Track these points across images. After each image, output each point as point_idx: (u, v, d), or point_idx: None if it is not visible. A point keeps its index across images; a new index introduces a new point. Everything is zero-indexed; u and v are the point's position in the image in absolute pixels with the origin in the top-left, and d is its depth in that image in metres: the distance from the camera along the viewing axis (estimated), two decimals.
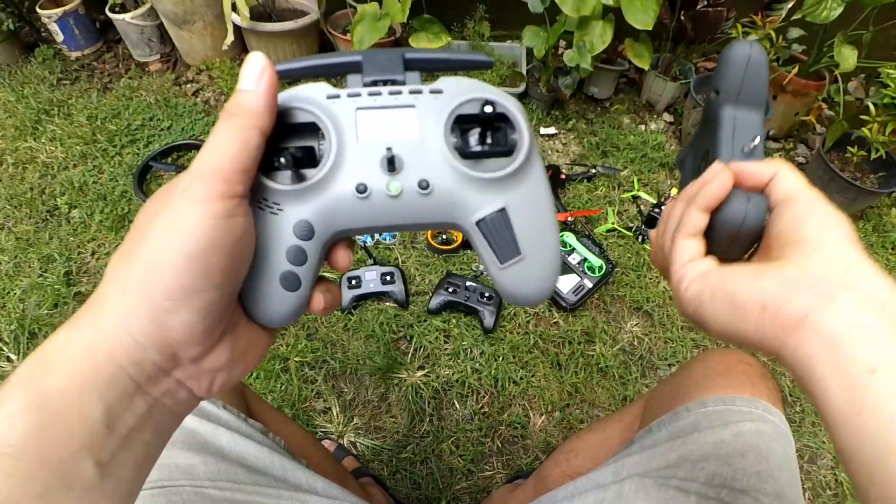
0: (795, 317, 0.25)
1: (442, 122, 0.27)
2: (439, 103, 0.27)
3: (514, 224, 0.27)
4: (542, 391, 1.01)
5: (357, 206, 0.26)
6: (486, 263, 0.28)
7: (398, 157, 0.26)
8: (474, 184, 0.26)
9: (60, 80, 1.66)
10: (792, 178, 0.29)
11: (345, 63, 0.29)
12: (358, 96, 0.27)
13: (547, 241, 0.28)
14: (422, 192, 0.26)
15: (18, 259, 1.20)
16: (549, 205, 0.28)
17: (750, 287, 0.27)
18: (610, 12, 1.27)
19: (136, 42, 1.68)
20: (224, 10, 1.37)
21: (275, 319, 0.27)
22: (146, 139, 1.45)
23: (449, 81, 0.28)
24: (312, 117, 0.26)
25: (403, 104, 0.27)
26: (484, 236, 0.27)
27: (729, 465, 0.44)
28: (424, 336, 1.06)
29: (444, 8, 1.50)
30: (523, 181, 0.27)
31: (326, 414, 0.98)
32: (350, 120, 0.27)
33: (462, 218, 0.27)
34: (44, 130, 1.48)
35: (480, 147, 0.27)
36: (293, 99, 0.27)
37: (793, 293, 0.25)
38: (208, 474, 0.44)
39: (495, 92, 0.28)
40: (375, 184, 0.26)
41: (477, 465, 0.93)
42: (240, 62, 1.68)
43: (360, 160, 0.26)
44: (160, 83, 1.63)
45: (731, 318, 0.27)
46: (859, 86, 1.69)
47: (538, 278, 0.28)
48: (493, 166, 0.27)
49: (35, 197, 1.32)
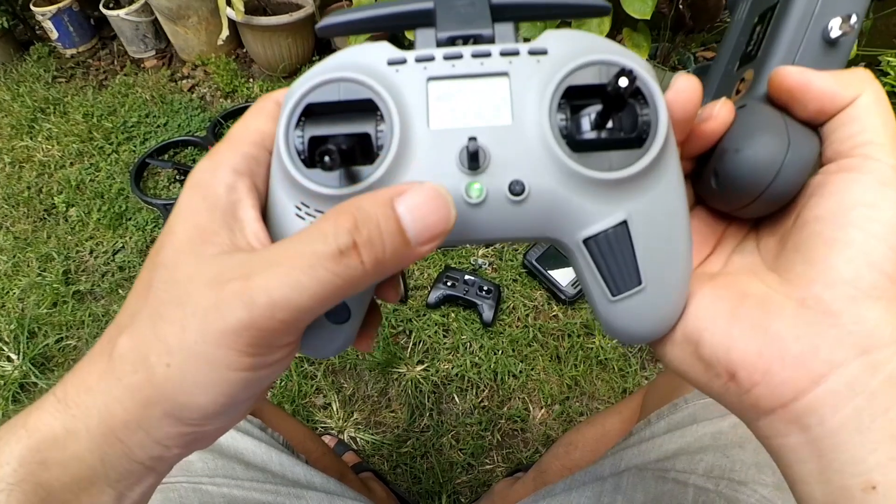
0: (776, 401, 0.19)
1: (547, 98, 0.19)
2: (543, 70, 0.19)
3: (637, 243, 0.20)
4: (541, 384, 1.01)
5: None
6: (588, 292, 0.21)
7: (483, 149, 0.19)
8: (587, 186, 0.19)
9: (56, 77, 1.65)
10: (877, 117, 0.19)
11: (411, 12, 0.21)
12: (430, 61, 0.20)
13: (677, 266, 0.20)
14: (513, 199, 0.19)
15: (17, 258, 1.20)
16: (684, 214, 0.20)
17: (721, 338, 0.20)
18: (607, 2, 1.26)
19: (130, 38, 1.67)
20: (219, 5, 1.36)
21: (318, 354, 0.23)
22: (142, 136, 1.45)
23: (555, 37, 0.20)
24: (368, 93, 0.19)
25: (493, 71, 0.20)
26: (593, 259, 0.20)
27: (727, 456, 0.44)
28: (423, 330, 1.06)
29: None
30: (655, 182, 0.19)
31: (326, 409, 0.98)
32: (419, 96, 0.20)
33: (565, 233, 0.20)
34: (40, 129, 1.47)
35: (597, 133, 0.19)
36: (343, 66, 0.20)
37: (775, 367, 0.19)
38: (206, 470, 0.44)
39: (620, 51, 0.20)
40: (450, 186, 0.19)
41: (477, 458, 0.93)
42: (235, 57, 1.67)
43: (432, 153, 0.19)
44: (156, 79, 1.62)
45: (692, 369, 0.21)
46: None
47: (658, 315, 0.21)
48: (614, 161, 0.19)
49: (32, 196, 1.32)
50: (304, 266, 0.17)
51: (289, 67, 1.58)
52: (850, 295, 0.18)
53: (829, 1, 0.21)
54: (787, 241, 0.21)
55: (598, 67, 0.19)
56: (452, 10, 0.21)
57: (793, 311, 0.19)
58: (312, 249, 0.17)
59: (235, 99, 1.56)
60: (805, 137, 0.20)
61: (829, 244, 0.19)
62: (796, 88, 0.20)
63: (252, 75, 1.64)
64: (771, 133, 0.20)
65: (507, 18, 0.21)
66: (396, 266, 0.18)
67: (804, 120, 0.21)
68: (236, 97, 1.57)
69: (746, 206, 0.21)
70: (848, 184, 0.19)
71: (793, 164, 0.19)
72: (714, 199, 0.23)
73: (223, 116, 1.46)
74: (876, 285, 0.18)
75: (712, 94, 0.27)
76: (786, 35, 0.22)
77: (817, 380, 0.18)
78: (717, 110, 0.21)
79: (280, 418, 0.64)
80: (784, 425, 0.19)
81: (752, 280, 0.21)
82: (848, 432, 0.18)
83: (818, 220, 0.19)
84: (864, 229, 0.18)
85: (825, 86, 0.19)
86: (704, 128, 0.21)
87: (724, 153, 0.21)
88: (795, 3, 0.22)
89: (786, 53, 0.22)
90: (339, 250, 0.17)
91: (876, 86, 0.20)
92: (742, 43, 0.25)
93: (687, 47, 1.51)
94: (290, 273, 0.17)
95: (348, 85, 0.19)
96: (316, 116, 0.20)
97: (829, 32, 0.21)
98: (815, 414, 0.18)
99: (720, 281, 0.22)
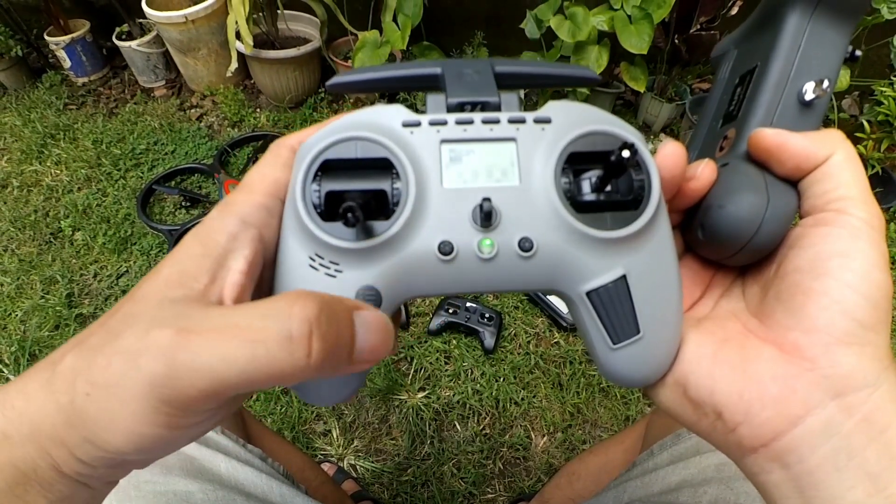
0: (757, 441, 0.20)
1: (552, 163, 0.21)
2: (547, 137, 0.21)
3: (635, 295, 0.21)
4: (543, 412, 1.00)
5: (438, 270, 0.20)
6: (589, 340, 0.22)
7: (496, 208, 0.20)
8: (589, 244, 0.21)
9: (67, 104, 1.69)
10: (849, 174, 0.21)
11: (420, 76, 0.23)
12: (443, 125, 0.21)
13: (670, 315, 0.22)
14: (522, 255, 0.20)
15: (21, 280, 1.20)
16: (675, 268, 0.22)
17: (705, 380, 0.21)
18: (605, 37, 1.30)
19: (141, 68, 1.71)
20: (228, 38, 1.41)
21: (327, 402, 0.23)
22: (150, 163, 1.47)
23: (557, 107, 0.22)
24: (384, 152, 0.20)
25: (502, 136, 0.21)
26: (595, 310, 0.21)
27: (731, 488, 0.44)
28: (425, 357, 1.06)
29: (442, 35, 1.54)
30: (649, 240, 0.21)
31: (326, 436, 0.97)
32: (433, 157, 0.21)
33: (568, 286, 0.21)
34: (49, 154, 1.50)
35: (597, 196, 0.21)
36: (360, 125, 0.21)
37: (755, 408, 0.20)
38: (206, 501, 0.44)
39: (617, 122, 0.22)
40: (464, 243, 0.20)
41: (479, 487, 0.92)
42: (243, 88, 1.72)
43: (446, 211, 0.20)
44: (165, 108, 1.66)
45: (683, 410, 0.22)
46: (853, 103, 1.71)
47: (654, 361, 0.22)
48: (613, 221, 0.21)
49: (39, 219, 1.33)
50: (246, 339, 0.16)
51: (295, 98, 1.62)
52: (825, 342, 0.19)
53: (803, 66, 0.23)
54: (769, 289, 0.22)
55: (597, 136, 0.21)
56: (460, 77, 0.22)
57: (771, 355, 0.20)
58: (264, 325, 0.16)
59: (242, 128, 1.60)
60: (784, 193, 0.22)
61: (807, 294, 0.20)
62: (774, 149, 0.22)
63: (259, 105, 1.68)
64: (752, 191, 0.21)
65: (510, 86, 0.23)
66: (327, 372, 0.18)
67: (783, 177, 0.22)
68: (243, 126, 1.60)
69: (731, 257, 0.23)
70: (824, 237, 0.20)
71: (773, 219, 0.21)
72: (702, 248, 0.25)
73: (230, 145, 1.49)
74: (849, 332, 0.19)
75: (699, 149, 0.28)
76: (764, 97, 0.23)
77: (795, 421, 0.19)
78: (701, 171, 0.23)
79: (280, 446, 0.64)
80: (767, 463, 0.20)
81: (735, 324, 0.23)
82: (826, 471, 0.19)
83: (797, 270, 0.21)
84: (838, 279, 0.20)
85: (801, 146, 0.21)
86: (690, 187, 0.23)
87: (709, 208, 0.23)
88: (772, 68, 0.23)
89: (764, 114, 0.23)
90: (289, 335, 0.16)
91: (847, 145, 0.21)
92: (725, 101, 0.27)
93: (683, 79, 1.55)
94: (226, 343, 0.16)
95: (365, 143, 0.20)
96: (332, 172, 0.21)
97: (804, 95, 0.23)
98: (794, 453, 0.19)
99: (705, 325, 0.23)
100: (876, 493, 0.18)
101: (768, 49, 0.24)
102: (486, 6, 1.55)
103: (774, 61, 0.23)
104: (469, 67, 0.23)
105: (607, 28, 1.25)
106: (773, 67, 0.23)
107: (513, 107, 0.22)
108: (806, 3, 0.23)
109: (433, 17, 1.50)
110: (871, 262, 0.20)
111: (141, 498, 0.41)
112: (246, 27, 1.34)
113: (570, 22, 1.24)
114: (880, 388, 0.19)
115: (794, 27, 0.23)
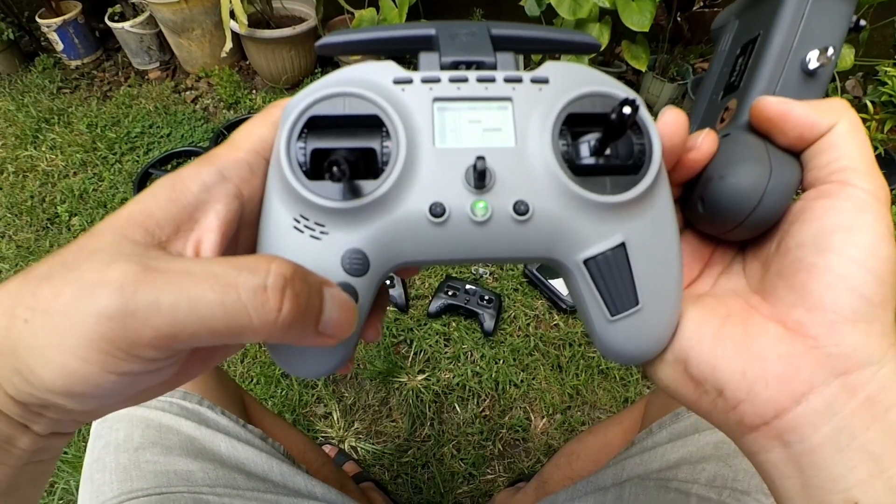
0: (759, 419, 0.19)
1: (549, 124, 0.20)
2: (545, 97, 0.20)
3: (634, 265, 0.20)
4: (542, 394, 1.00)
5: (429, 234, 0.19)
6: (587, 312, 0.21)
7: (490, 169, 0.19)
8: (587, 210, 0.20)
9: (60, 88, 1.67)
10: (853, 144, 0.20)
11: (413, 37, 0.22)
12: (436, 82, 0.20)
13: (670, 286, 0.21)
14: (517, 219, 0.19)
15: (19, 267, 1.20)
16: (676, 237, 0.21)
17: (707, 357, 0.20)
18: (606, 15, 1.28)
19: (135, 50, 1.69)
20: (222, 18, 1.38)
21: (311, 375, 0.22)
22: (146, 146, 1.46)
23: (555, 68, 0.21)
24: (374, 108, 0.20)
25: (497, 96, 0.20)
26: (593, 280, 0.20)
27: (730, 465, 0.44)
28: (424, 340, 1.06)
29: (440, 13, 1.51)
30: (649, 207, 0.20)
31: (327, 419, 0.98)
32: (425, 115, 0.20)
33: (565, 253, 0.20)
34: (44, 139, 1.49)
35: (596, 159, 0.20)
36: (349, 82, 0.20)
37: (758, 386, 0.19)
38: (206, 480, 0.44)
39: (615, 84, 0.21)
40: (456, 204, 0.19)
41: (478, 468, 0.93)
42: (238, 69, 1.69)
43: (438, 171, 0.19)
44: (159, 91, 1.64)
45: (683, 388, 0.21)
46: (857, 84, 1.69)
47: (654, 335, 0.21)
48: (613, 186, 0.20)
49: (35, 205, 1.33)
50: (216, 285, 0.15)
51: (291, 79, 1.60)
52: (829, 320, 0.19)
53: (806, 34, 0.22)
54: (771, 265, 0.21)
55: (597, 98, 0.20)
56: (455, 37, 0.21)
57: (775, 332, 0.20)
58: (238, 273, 0.16)
59: (238, 110, 1.58)
60: (786, 164, 0.21)
61: (810, 270, 0.19)
62: (776, 117, 0.21)
63: (255, 87, 1.66)
64: (754, 161, 0.21)
65: (507, 48, 0.22)
66: (294, 338, 0.17)
67: (785, 147, 0.21)
68: (239, 108, 1.58)
69: (732, 231, 0.22)
70: (826, 210, 0.19)
71: (775, 191, 0.20)
72: (701, 223, 0.24)
73: (226, 127, 1.48)
74: (855, 309, 0.19)
75: (699, 122, 0.28)
76: (766, 67, 0.23)
77: (798, 399, 0.19)
78: (701, 141, 0.22)
79: (280, 428, 0.64)
80: (767, 442, 0.19)
81: (737, 301, 0.22)
82: (828, 450, 0.18)
83: (799, 245, 0.20)
84: (843, 254, 0.19)
85: (804, 115, 0.20)
86: (689, 157, 0.22)
87: (709, 180, 0.22)
88: (775, 37, 0.23)
89: (767, 84, 0.23)
90: (264, 285, 0.16)
91: (851, 113, 0.20)
92: (726, 73, 0.26)
93: (685, 59, 1.52)
94: (195, 286, 0.15)
95: (354, 100, 0.20)
96: (319, 129, 0.20)
97: (808, 64, 0.22)
98: (796, 432, 0.19)
99: (707, 302, 0.22)
100: (879, 473, 0.18)
101: (771, 17, 0.23)
102: None
103: (777, 30, 0.23)
104: (464, 28, 0.22)
105: (608, 5, 1.23)
106: (775, 36, 0.23)
107: (509, 66, 0.21)
108: None
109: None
110: (877, 236, 0.19)
111: (141, 478, 0.42)
112: (240, 6, 1.31)
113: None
114: (886, 366, 0.18)
115: None
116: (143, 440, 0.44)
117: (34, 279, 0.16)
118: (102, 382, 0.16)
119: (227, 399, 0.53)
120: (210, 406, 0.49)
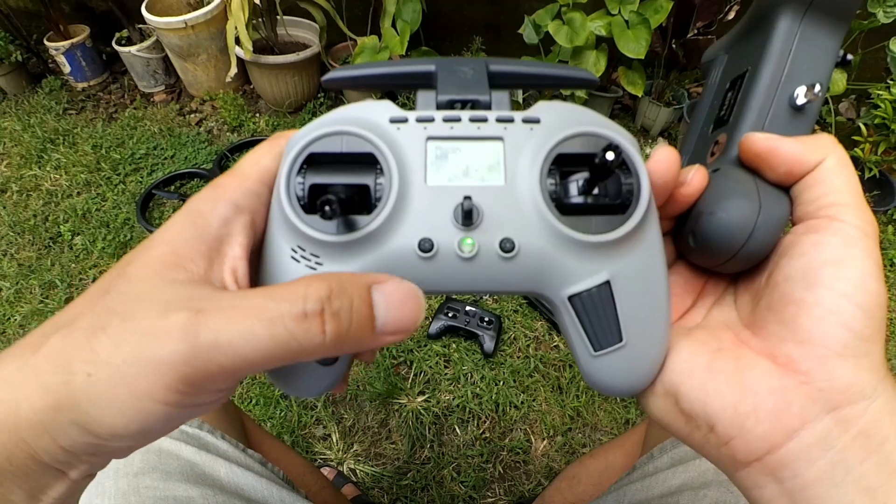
0: (751, 455, 0.19)
1: (538, 164, 0.20)
2: (535, 137, 0.21)
3: (619, 302, 0.21)
4: (543, 415, 1.00)
5: (417, 267, 0.20)
6: (572, 346, 0.22)
7: (477, 207, 0.20)
8: (573, 247, 0.20)
9: (66, 109, 1.69)
10: (841, 179, 0.20)
11: (413, 73, 0.23)
12: (430, 122, 0.21)
13: (656, 324, 0.21)
14: (503, 255, 0.20)
15: (20, 285, 1.20)
16: (664, 277, 0.21)
17: (698, 391, 0.20)
18: (603, 42, 1.31)
19: (141, 73, 1.72)
20: (228, 44, 1.41)
21: (303, 395, 0.23)
22: (150, 168, 1.47)
23: (547, 108, 0.22)
24: (369, 147, 0.20)
25: (489, 135, 0.21)
26: (577, 316, 0.21)
27: (731, 491, 0.44)
28: (424, 361, 1.06)
29: (441, 41, 1.55)
30: (636, 246, 0.21)
31: (326, 440, 0.97)
32: (418, 153, 0.21)
33: (551, 289, 0.21)
34: (49, 159, 1.50)
35: (584, 199, 0.21)
36: (347, 120, 0.21)
37: (750, 422, 0.19)
38: None
39: (607, 124, 0.21)
40: (444, 241, 0.20)
41: (479, 491, 0.91)
42: (242, 92, 1.72)
43: (428, 208, 0.20)
44: (164, 113, 1.66)
45: (674, 421, 0.21)
46: (850, 107, 1.72)
47: (639, 370, 0.21)
48: (599, 225, 0.20)
49: (38, 224, 1.33)
50: (264, 318, 0.16)
51: (294, 104, 1.63)
52: (820, 354, 0.19)
53: (794, 70, 0.23)
54: (761, 299, 0.22)
55: (586, 138, 0.21)
56: (453, 74, 0.22)
57: (766, 367, 0.20)
58: (278, 305, 0.17)
59: (242, 133, 1.60)
60: (775, 200, 0.21)
61: (799, 304, 0.20)
62: (765, 154, 0.21)
63: (258, 110, 1.68)
64: (743, 197, 0.21)
65: (504, 86, 0.22)
66: (354, 347, 0.18)
67: (774, 182, 0.22)
68: (243, 131, 1.61)
69: (722, 264, 0.23)
70: (815, 245, 0.20)
71: (764, 226, 0.21)
72: (693, 256, 0.24)
73: (229, 150, 1.50)
74: (845, 343, 0.19)
75: (689, 155, 0.28)
76: (755, 102, 0.23)
77: (790, 434, 0.19)
78: (692, 177, 0.22)
79: (279, 451, 0.64)
80: (760, 477, 0.19)
81: (728, 334, 0.22)
82: (824, 485, 0.18)
83: (788, 279, 0.20)
84: (832, 288, 0.19)
85: (792, 151, 0.21)
86: (680, 193, 0.23)
87: (700, 215, 0.22)
88: (763, 73, 0.23)
89: (755, 120, 0.23)
90: (304, 313, 0.17)
91: (839, 149, 0.21)
92: (716, 107, 0.27)
93: (681, 84, 1.56)
94: (246, 320, 0.16)
95: (351, 138, 0.21)
96: (317, 165, 0.21)
97: (796, 100, 0.23)
98: (789, 467, 0.19)
99: (698, 335, 0.22)
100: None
101: (759, 53, 0.24)
102: (484, 12, 1.56)
103: (765, 66, 0.23)
104: (463, 65, 0.22)
105: (605, 33, 1.26)
106: (763, 72, 0.23)
107: (503, 106, 0.22)
108: (796, 7, 0.23)
109: (432, 23, 1.50)
110: (866, 271, 0.19)
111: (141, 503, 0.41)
112: (245, 33, 1.34)
113: (568, 27, 1.25)
114: (877, 400, 0.19)
115: (784, 31, 0.23)
116: (142, 465, 0.44)
117: (82, 332, 0.17)
118: (172, 416, 0.17)
119: (228, 422, 0.53)
120: (210, 430, 0.49)
